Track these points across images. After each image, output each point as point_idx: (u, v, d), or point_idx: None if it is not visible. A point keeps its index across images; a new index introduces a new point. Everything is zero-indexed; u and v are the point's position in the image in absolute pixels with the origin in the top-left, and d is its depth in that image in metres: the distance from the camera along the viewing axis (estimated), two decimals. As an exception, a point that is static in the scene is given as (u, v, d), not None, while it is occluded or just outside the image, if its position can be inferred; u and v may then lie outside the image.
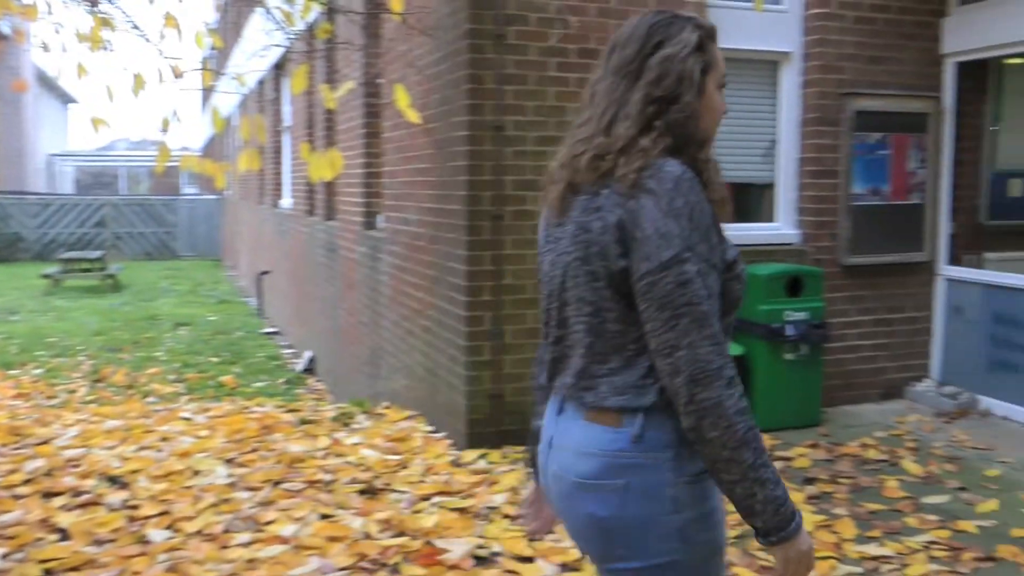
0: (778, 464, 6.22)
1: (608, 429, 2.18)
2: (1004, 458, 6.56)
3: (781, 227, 7.81)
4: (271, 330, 17.01)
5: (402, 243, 8.10)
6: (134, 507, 5.32)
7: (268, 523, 5.07)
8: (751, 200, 7.92)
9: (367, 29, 9.04)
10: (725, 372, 2.08)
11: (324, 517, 5.16)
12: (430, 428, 7.16)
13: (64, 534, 4.92)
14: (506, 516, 5.21)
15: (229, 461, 6.20)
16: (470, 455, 6.37)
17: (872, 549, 4.91)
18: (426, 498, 5.50)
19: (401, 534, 4.92)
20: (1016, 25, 7.49)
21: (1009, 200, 8.77)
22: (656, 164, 2.13)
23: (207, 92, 30.45)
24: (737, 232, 7.44)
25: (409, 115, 5.42)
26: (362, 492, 5.63)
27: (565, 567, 4.62)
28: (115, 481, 5.77)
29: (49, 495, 5.48)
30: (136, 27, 6.21)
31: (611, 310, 2.17)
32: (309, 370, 13.14)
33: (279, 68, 15.92)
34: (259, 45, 7.28)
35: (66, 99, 50.04)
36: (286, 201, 15.86)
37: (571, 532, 2.33)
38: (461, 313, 6.60)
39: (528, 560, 4.68)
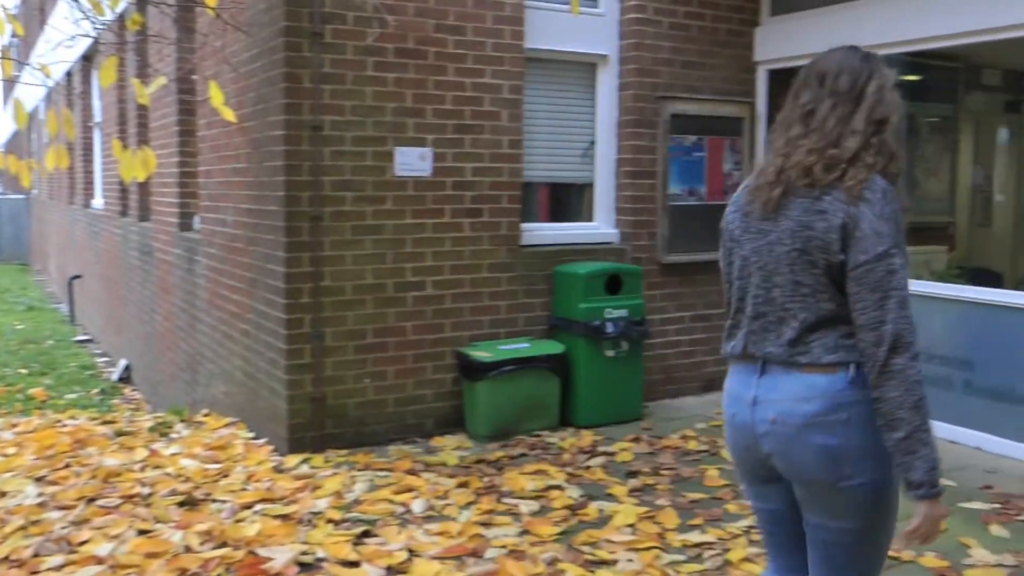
0: (601, 459, 6.31)
1: (827, 376, 2.67)
2: None
3: (600, 226, 7.91)
4: (84, 338, 16.40)
5: (219, 245, 7.90)
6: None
7: (82, 543, 4.82)
8: (571, 200, 8.00)
9: (180, 22, 8.78)
10: (915, 346, 2.58)
11: (142, 533, 4.95)
12: (251, 434, 7.00)
13: None
14: (330, 521, 5.13)
15: (39, 479, 5.89)
16: (292, 460, 6.25)
17: (694, 537, 5.01)
18: (248, 506, 5.36)
19: (223, 545, 4.77)
20: (823, 36, 7.68)
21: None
22: (870, 177, 2.64)
23: (9, 84, 29.07)
24: (557, 232, 7.55)
25: (224, 113, 5.28)
26: (182, 504, 5.44)
27: (391, 570, 4.57)
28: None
29: None
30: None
31: (824, 291, 2.67)
32: (125, 379, 12.70)
33: (88, 60, 15.36)
34: (66, 34, 6.98)
35: None
36: (98, 201, 15.31)
37: (795, 466, 2.74)
38: (280, 316, 6.47)
39: (353, 564, 4.61)
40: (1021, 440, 6.58)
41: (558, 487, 5.74)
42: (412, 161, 6.77)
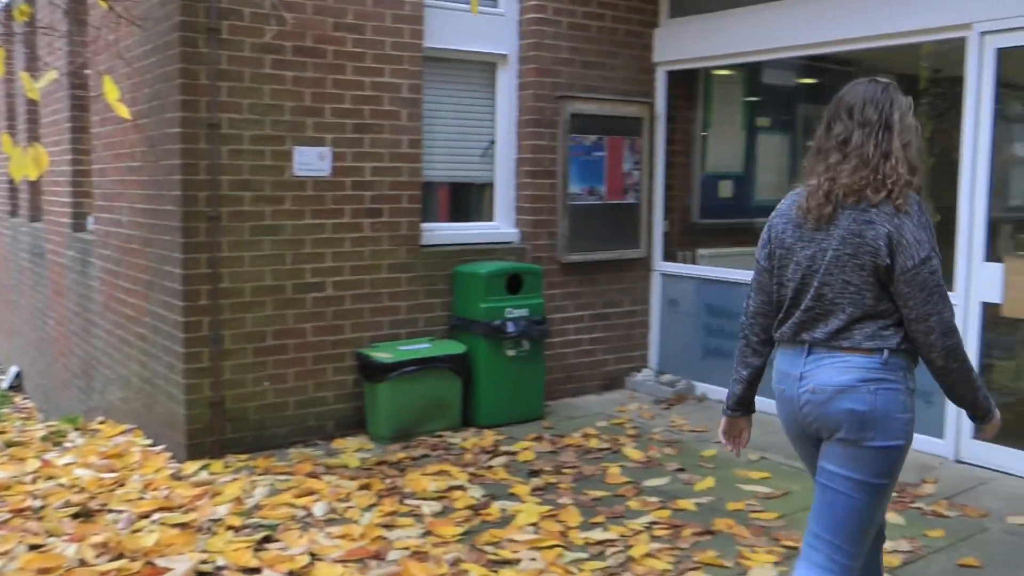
0: (503, 459, 6.33)
1: (864, 357, 3.17)
2: (719, 439, 6.85)
3: (500, 226, 7.92)
4: (-29, 343, 15.92)
5: (114, 246, 7.73)
6: None
7: (-32, 561, 4.69)
8: (471, 200, 8.00)
9: (71, 14, 8.56)
10: (957, 328, 3.18)
11: (34, 548, 4.79)
12: (148, 441, 6.85)
13: None
14: (230, 527, 5.05)
15: (-77, 497, 5.71)
16: (191, 467, 6.13)
17: (597, 534, 5.05)
18: (146, 516, 5.24)
19: (120, 557, 4.66)
20: (719, 39, 7.99)
21: (719, 200, 9.27)
22: (907, 193, 3.14)
23: None
24: (457, 231, 7.54)
25: (119, 110, 5.13)
26: (76, 516, 5.29)
27: (292, 575, 4.51)
28: None
29: None
30: None
31: (869, 290, 3.15)
32: (15, 387, 12.35)
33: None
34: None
35: None
36: (-14, 203, 14.87)
37: (828, 425, 3.22)
38: (178, 319, 6.35)
39: (254, 571, 4.55)
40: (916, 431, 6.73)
41: (460, 487, 5.73)
42: (311, 161, 6.70)
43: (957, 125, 6.53)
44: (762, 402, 7.59)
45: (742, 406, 3.82)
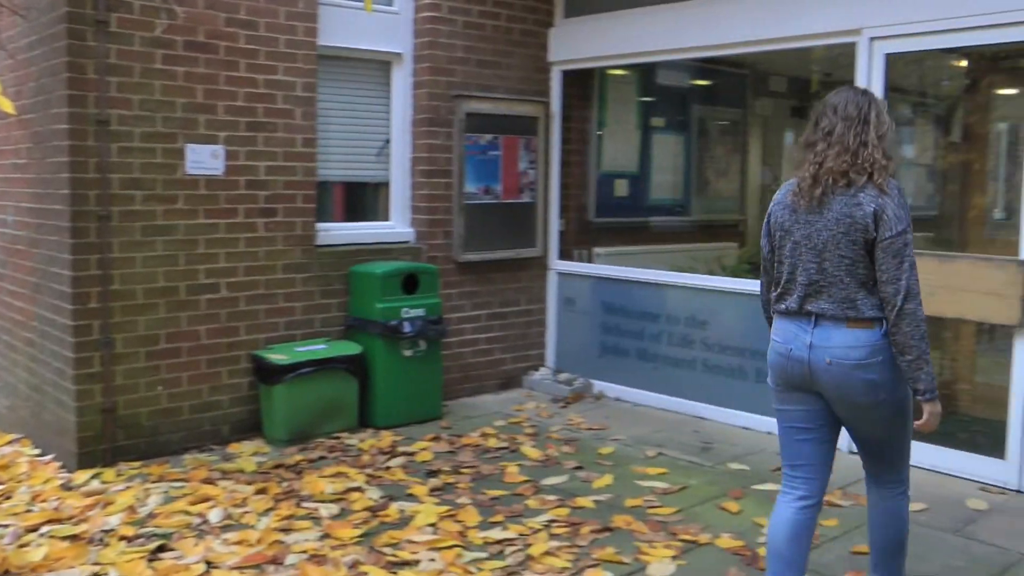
0: (400, 460, 6.31)
1: (867, 331, 3.75)
2: (617, 436, 7.03)
3: (396, 225, 7.88)
4: None
5: (-2, 248, 7.51)
6: None
7: None
8: (367, 199, 7.94)
9: (-52, 5, 8.30)
10: (920, 295, 3.68)
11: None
12: (37, 451, 6.63)
13: None
14: (123, 538, 4.93)
15: None
16: (82, 476, 5.97)
17: (496, 534, 5.06)
18: (34, 529, 5.08)
19: (6, 573, 4.52)
20: (613, 39, 8.07)
21: (614, 199, 9.36)
22: (886, 177, 3.75)
23: None
24: (352, 231, 7.50)
25: (2, 104, 5.00)
26: (-44, 531, 5.13)
27: (187, 583, 4.44)
28: None
29: None
30: None
31: (862, 261, 3.73)
32: None
33: None
34: None
35: None
36: None
37: (847, 394, 3.81)
38: (67, 322, 6.19)
39: (148, 580, 4.46)
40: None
41: (358, 489, 5.69)
42: (204, 159, 6.58)
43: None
44: (656, 398, 7.69)
45: None
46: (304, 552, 4.74)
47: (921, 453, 6.02)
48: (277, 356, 6.71)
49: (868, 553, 4.29)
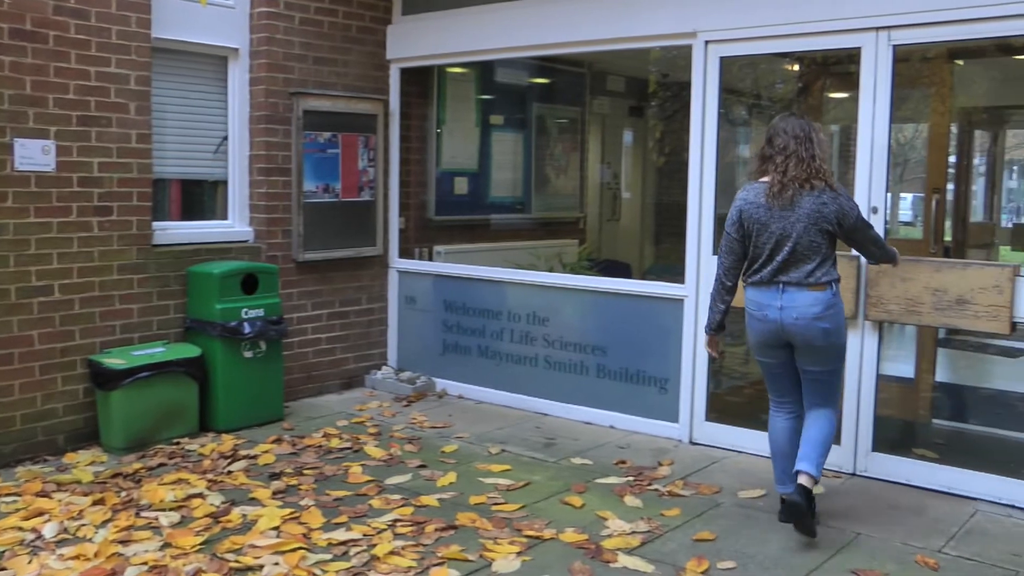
0: (242, 463, 6.22)
1: (823, 292, 5.01)
2: (460, 434, 7.08)
3: (234, 225, 7.76)
4: None
5: None
6: None
7: None
8: (204, 198, 7.79)
9: None
10: (880, 236, 5.37)
11: None
12: None
13: None
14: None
15: None
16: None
17: (340, 535, 5.03)
18: None
19: None
20: (451, 37, 8.11)
21: (455, 197, 9.40)
22: (834, 182, 5.07)
23: None
24: (190, 230, 7.37)
25: None
26: None
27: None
28: None
29: None
30: None
31: (825, 244, 5.02)
32: None
33: None
34: None
35: None
36: None
37: (808, 339, 5.05)
38: None
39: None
40: (648, 416, 7.16)
41: (200, 495, 5.58)
42: (34, 154, 6.35)
43: (686, 127, 6.85)
44: (498, 395, 7.79)
45: (721, 328, 5.43)
46: (144, 563, 4.61)
47: (759, 441, 6.24)
48: (114, 360, 6.53)
49: (711, 540, 4.41)
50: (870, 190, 6.02)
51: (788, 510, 5.14)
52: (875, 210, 5.86)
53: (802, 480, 5.04)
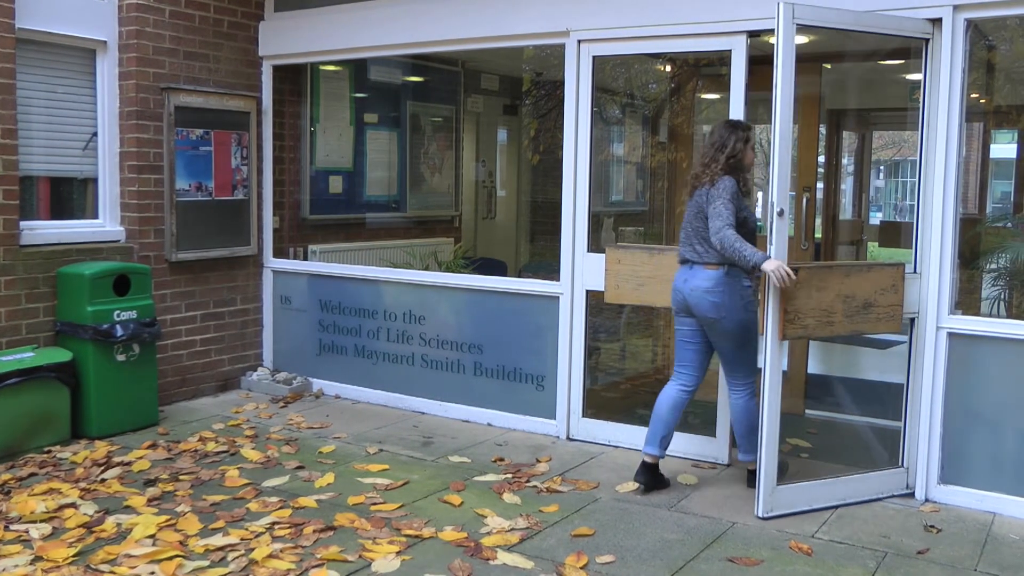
0: (116, 471, 6.10)
1: (715, 270, 5.58)
2: (338, 434, 7.08)
3: (105, 224, 7.57)
4: None
5: None
6: None
7: None
8: (74, 196, 7.59)
9: None
10: (729, 236, 5.39)
11: None
12: None
13: None
14: None
15: None
16: None
17: (217, 540, 4.97)
18: None
19: None
20: (324, 34, 8.09)
21: (329, 196, 9.35)
22: (720, 177, 5.58)
23: None
24: (59, 230, 7.21)
25: None
26: None
27: None
28: None
29: None
30: None
31: (705, 228, 5.57)
32: None
33: None
34: None
35: None
36: None
37: (701, 311, 5.62)
38: None
39: None
40: (525, 413, 7.25)
41: (72, 505, 5.45)
42: None
43: (561, 125, 6.93)
44: (375, 395, 7.80)
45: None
46: (14, 578, 4.51)
47: (635, 436, 6.36)
48: (-22, 366, 6.34)
49: (589, 535, 4.48)
50: (774, 193, 5.63)
51: (643, 470, 5.90)
52: (781, 213, 5.29)
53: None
